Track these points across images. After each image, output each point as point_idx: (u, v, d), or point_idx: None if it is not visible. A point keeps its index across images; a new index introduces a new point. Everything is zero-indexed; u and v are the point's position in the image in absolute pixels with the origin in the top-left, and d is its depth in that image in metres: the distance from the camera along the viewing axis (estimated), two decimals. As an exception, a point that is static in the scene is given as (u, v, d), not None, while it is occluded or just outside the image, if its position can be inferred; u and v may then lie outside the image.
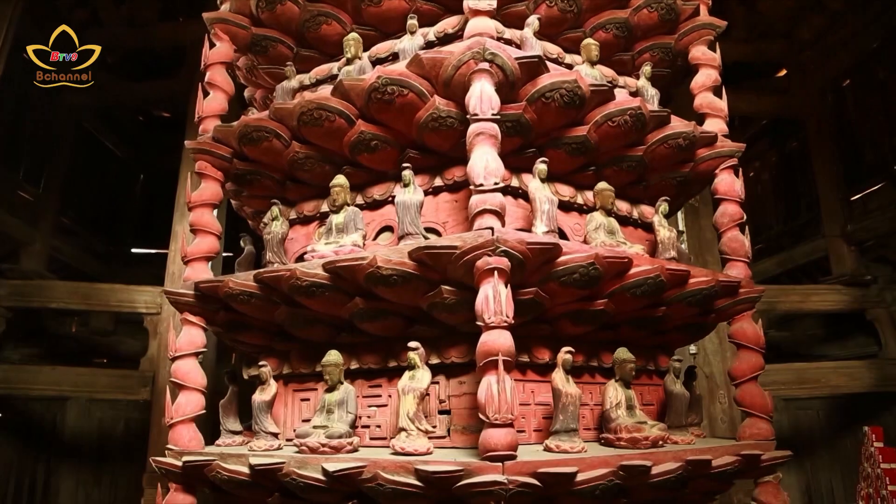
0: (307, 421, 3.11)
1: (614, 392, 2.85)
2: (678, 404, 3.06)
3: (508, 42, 3.23)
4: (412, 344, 2.59)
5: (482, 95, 2.48)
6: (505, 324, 2.23)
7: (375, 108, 2.83)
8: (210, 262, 3.35)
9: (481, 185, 2.37)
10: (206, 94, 3.52)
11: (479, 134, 2.47)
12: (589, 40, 3.35)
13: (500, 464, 2.13)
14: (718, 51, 3.71)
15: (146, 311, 7.11)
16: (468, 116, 2.52)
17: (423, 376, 2.57)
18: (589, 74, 3.19)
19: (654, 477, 2.46)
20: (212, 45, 3.58)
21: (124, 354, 8.82)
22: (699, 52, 3.68)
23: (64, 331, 8.91)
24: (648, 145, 3.23)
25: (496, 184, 2.39)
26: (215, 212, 3.47)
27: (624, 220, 3.41)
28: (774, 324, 8.13)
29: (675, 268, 2.89)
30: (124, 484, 8.79)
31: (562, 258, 2.53)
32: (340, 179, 3.04)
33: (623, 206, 3.41)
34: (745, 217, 3.45)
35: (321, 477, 2.39)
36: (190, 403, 3.03)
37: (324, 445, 2.57)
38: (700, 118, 3.54)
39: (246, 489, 2.68)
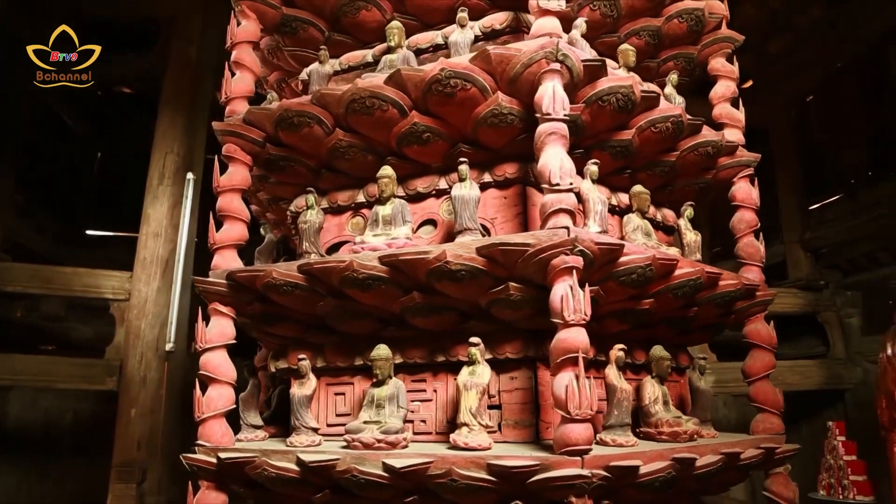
0: (343, 415, 3.07)
1: (652, 388, 2.96)
2: (704, 400, 3.21)
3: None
4: (473, 339, 2.60)
5: (555, 95, 2.50)
6: (583, 321, 2.27)
7: (434, 100, 2.80)
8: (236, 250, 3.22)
9: (557, 184, 2.40)
10: (232, 73, 3.38)
11: (550, 133, 2.49)
12: (627, 46, 3.42)
13: (580, 458, 2.17)
14: (736, 63, 3.88)
15: (113, 297, 6.74)
16: (539, 116, 2.53)
17: (483, 372, 2.58)
18: (628, 79, 3.26)
19: (699, 469, 2.58)
20: (238, 24, 3.44)
21: (76, 342, 8.34)
22: (718, 63, 3.84)
23: (9, 316, 8.32)
24: (681, 152, 3.35)
25: (571, 184, 2.42)
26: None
27: (649, 223, 3.52)
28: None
29: (711, 270, 3.02)
30: (75, 478, 8.33)
31: (622, 258, 2.60)
32: (388, 171, 2.99)
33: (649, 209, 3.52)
34: (759, 224, 3.64)
35: (383, 473, 2.37)
36: (221, 398, 2.91)
37: (379, 441, 2.54)
38: (714, 127, 3.69)
39: (292, 487, 2.61)
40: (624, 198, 3.34)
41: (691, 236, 3.40)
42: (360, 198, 3.28)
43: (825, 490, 5.66)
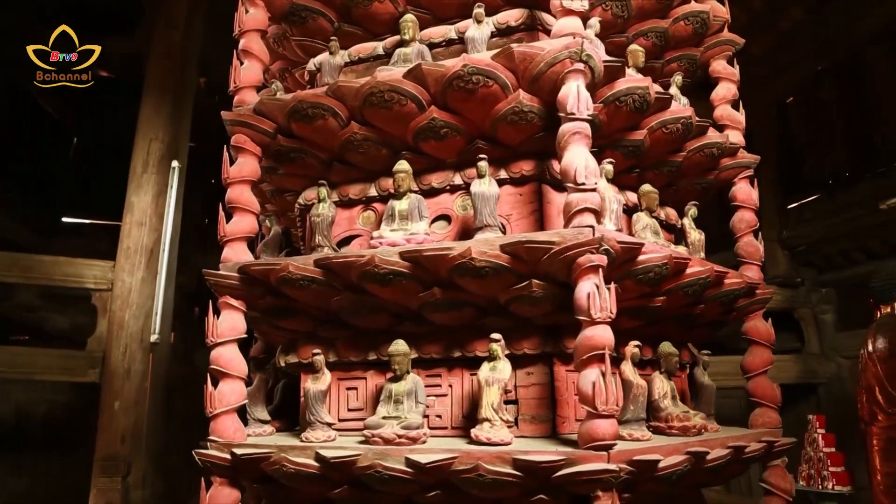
0: (355, 410, 3.07)
1: (661, 383, 3.02)
2: (707, 395, 3.29)
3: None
4: (495, 336, 2.62)
5: (579, 95, 2.52)
6: (609, 319, 2.30)
7: (454, 95, 2.80)
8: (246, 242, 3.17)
9: (582, 183, 2.43)
10: (240, 62, 3.31)
11: (574, 133, 2.52)
12: (636, 47, 3.46)
13: (606, 453, 2.21)
14: (737, 66, 3.96)
15: (95, 286, 6.57)
16: (562, 115, 2.55)
17: (504, 367, 2.60)
18: (638, 80, 3.31)
19: (710, 462, 2.66)
20: (246, 11, 3.37)
21: (50, 332, 8.12)
22: (720, 65, 3.92)
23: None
24: (687, 152, 3.41)
25: (596, 183, 2.45)
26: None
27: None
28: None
29: (720, 269, 3.09)
30: (49, 472, 8.12)
31: (640, 257, 2.65)
32: (405, 165, 2.98)
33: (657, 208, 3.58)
34: (758, 224, 3.74)
35: (407, 469, 2.38)
36: (234, 392, 2.88)
37: (400, 437, 2.54)
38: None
39: (311, 482, 2.60)
40: (632, 196, 3.39)
41: (696, 235, 3.48)
42: (372, 192, 3.26)
43: (805, 481, 5.87)
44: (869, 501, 5.07)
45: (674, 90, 3.72)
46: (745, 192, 3.72)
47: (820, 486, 5.65)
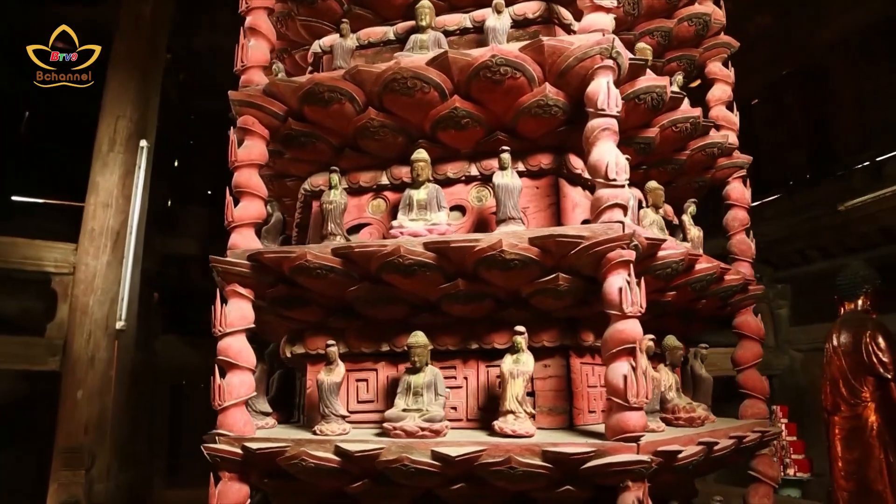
0: (365, 402, 3.03)
1: (667, 376, 3.12)
2: (705, 387, 3.40)
3: (575, 33, 3.31)
4: (519, 328, 2.62)
5: (610, 92, 2.54)
6: (640, 313, 2.35)
7: (479, 85, 2.77)
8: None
9: (613, 179, 2.45)
10: (247, 40, 3.18)
11: (604, 129, 2.54)
12: (643, 45, 3.52)
13: (636, 444, 2.26)
14: (732, 68, 4.09)
15: (55, 270, 6.24)
16: (591, 111, 2.57)
17: (528, 360, 2.61)
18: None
19: (717, 452, 2.76)
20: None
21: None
22: (716, 67, 4.05)
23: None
24: (691, 151, 3.50)
25: (626, 180, 2.48)
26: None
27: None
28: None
29: (724, 266, 3.20)
30: (3, 465, 7.67)
31: (661, 253, 2.71)
32: (424, 154, 2.93)
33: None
34: (750, 222, 3.88)
35: (434, 462, 2.36)
36: (243, 385, 2.78)
37: (423, 429, 2.52)
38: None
39: (329, 476, 2.55)
40: (635, 192, 3.45)
41: (695, 231, 3.57)
42: (384, 180, 3.20)
43: (766, 467, 6.17)
44: (825, 488, 5.39)
45: (675, 89, 3.82)
46: (738, 191, 3.85)
47: (783, 474, 5.96)
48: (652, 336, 2.85)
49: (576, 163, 3.05)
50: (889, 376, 4.62)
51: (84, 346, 5.99)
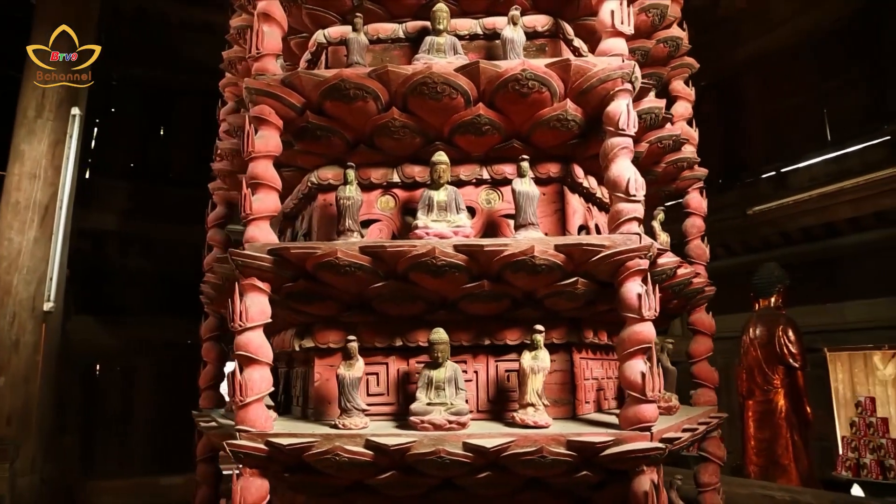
0: (375, 395, 3.12)
1: (645, 369, 3.46)
2: (672, 378, 3.80)
3: (576, 49, 3.54)
4: (538, 327, 2.82)
5: (629, 113, 2.78)
6: (654, 317, 2.63)
7: (506, 96, 2.91)
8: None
9: (633, 195, 2.71)
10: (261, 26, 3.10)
11: (623, 147, 2.78)
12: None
13: (649, 433, 2.55)
14: (692, 88, 4.50)
15: (-31, 246, 5.63)
16: (611, 129, 2.79)
17: (545, 356, 2.82)
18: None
19: (695, 436, 3.15)
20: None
21: None
22: (679, 85, 4.44)
23: None
24: (665, 164, 3.86)
25: (644, 195, 2.74)
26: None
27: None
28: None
29: (696, 271, 3.59)
30: None
31: (660, 260, 3.01)
32: (444, 157, 3.03)
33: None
34: (705, 228, 4.34)
35: (467, 453, 2.53)
36: (263, 380, 2.77)
37: (451, 422, 2.67)
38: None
39: (358, 470, 2.63)
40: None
41: (664, 237, 3.96)
42: (395, 177, 3.27)
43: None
44: (736, 461, 6.14)
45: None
46: (696, 200, 4.29)
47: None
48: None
49: (578, 172, 3.29)
50: (797, 365, 5.35)
51: (7, 328, 5.49)
